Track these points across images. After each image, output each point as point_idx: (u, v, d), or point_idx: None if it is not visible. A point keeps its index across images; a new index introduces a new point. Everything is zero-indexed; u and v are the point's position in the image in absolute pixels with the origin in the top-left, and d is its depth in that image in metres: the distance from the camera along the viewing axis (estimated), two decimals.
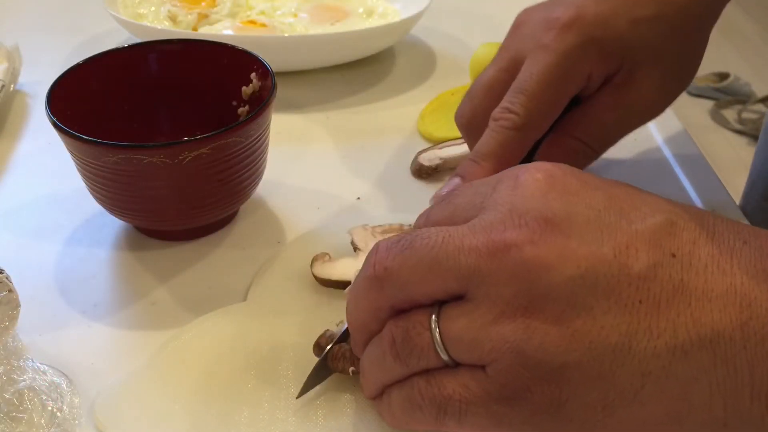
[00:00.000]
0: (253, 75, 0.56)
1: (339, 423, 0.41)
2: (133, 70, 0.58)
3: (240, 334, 0.47)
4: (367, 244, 0.50)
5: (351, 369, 0.42)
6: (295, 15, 0.81)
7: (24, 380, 0.42)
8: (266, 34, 0.76)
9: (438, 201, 0.42)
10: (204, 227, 0.55)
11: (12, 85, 0.73)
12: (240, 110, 0.58)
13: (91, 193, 0.53)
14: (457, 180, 0.47)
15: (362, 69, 0.77)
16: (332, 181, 0.62)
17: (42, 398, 0.42)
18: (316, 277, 0.49)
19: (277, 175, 0.60)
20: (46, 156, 0.65)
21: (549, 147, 0.49)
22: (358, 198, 0.60)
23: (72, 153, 0.50)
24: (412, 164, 0.62)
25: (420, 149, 0.63)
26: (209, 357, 0.45)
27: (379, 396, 0.39)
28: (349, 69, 0.77)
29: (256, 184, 0.55)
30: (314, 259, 0.50)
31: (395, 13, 0.81)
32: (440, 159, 0.61)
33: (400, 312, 0.37)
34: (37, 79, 0.75)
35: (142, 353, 0.46)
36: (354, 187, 0.61)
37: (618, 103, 0.49)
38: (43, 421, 0.41)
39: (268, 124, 0.53)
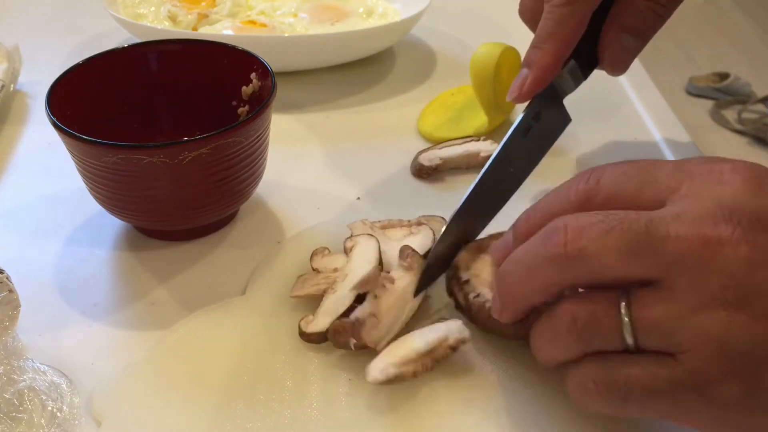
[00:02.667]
0: (253, 75, 0.56)
1: (333, 416, 0.42)
2: (133, 70, 0.58)
3: (237, 327, 0.47)
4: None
5: (352, 341, 0.43)
6: (295, 15, 0.81)
7: (24, 380, 0.42)
8: (266, 34, 0.76)
9: None
10: (204, 227, 0.55)
11: (12, 85, 0.73)
12: (240, 110, 0.58)
13: (91, 193, 0.53)
14: (524, 70, 0.48)
15: (362, 69, 0.77)
16: (332, 181, 0.62)
17: (42, 398, 0.42)
18: (315, 271, 0.49)
19: (277, 175, 0.60)
20: (46, 156, 0.65)
21: (617, 13, 0.49)
22: (358, 198, 0.60)
23: (72, 153, 0.50)
24: (412, 164, 0.62)
25: (420, 149, 0.63)
26: (206, 350, 0.46)
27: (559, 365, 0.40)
28: (349, 69, 0.77)
29: (256, 184, 0.55)
30: (314, 253, 0.51)
31: (395, 13, 0.81)
32: (440, 159, 0.61)
33: (575, 289, 0.37)
34: (37, 79, 0.75)
35: (142, 353, 0.46)
36: (354, 187, 0.61)
37: None
38: (43, 421, 0.41)
39: (268, 124, 0.53)
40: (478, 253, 0.47)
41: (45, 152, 0.65)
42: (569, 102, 0.52)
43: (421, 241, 0.50)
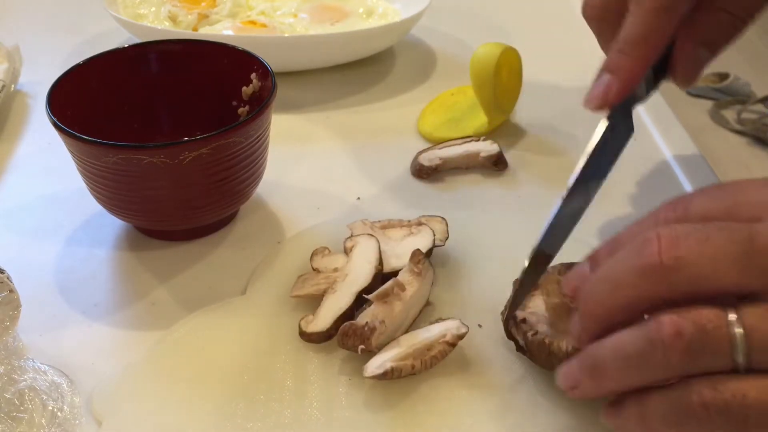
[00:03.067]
0: (253, 75, 0.56)
1: (333, 416, 0.42)
2: (133, 70, 0.58)
3: (237, 327, 0.47)
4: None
5: (360, 347, 0.43)
6: (295, 15, 0.81)
7: (24, 380, 0.42)
8: (266, 34, 0.76)
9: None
10: (204, 227, 0.55)
11: (12, 86, 0.73)
12: (240, 110, 0.58)
13: (91, 193, 0.53)
14: (607, 76, 0.43)
15: (362, 69, 0.77)
16: (332, 181, 0.62)
17: (42, 398, 0.42)
18: (315, 270, 0.50)
19: (277, 175, 0.60)
20: (47, 156, 0.65)
21: (694, 24, 0.46)
22: (358, 198, 0.60)
23: (72, 153, 0.51)
24: (412, 164, 0.63)
25: (420, 149, 0.63)
26: (206, 350, 0.46)
27: (618, 404, 0.36)
28: (349, 69, 0.77)
29: (256, 184, 0.55)
30: (314, 253, 0.51)
31: (395, 14, 0.81)
32: (440, 159, 0.61)
33: (668, 306, 0.34)
34: (38, 80, 0.75)
35: (142, 353, 0.46)
36: (354, 187, 0.61)
37: None
38: (43, 420, 0.41)
39: (268, 124, 0.53)
40: (532, 291, 0.45)
41: (45, 152, 0.65)
42: (566, 99, 0.52)
43: (422, 241, 0.50)
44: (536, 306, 0.45)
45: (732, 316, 0.32)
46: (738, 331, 0.32)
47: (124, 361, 0.46)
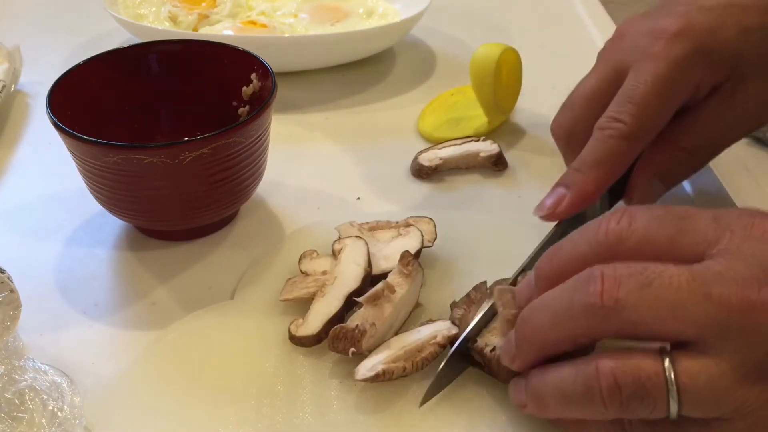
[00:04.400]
0: (253, 75, 0.56)
1: (325, 419, 0.42)
2: (133, 70, 0.58)
3: (227, 331, 0.47)
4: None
5: (351, 350, 0.43)
6: (296, 15, 0.81)
7: (25, 380, 0.42)
8: (266, 34, 0.76)
9: (551, 212, 0.42)
10: (204, 227, 0.55)
11: (13, 86, 0.73)
12: (240, 110, 0.58)
13: (91, 193, 0.53)
14: (561, 190, 0.46)
15: (362, 69, 0.77)
16: (332, 181, 0.62)
17: (43, 398, 0.42)
18: (303, 273, 0.49)
19: (277, 175, 0.60)
20: (47, 156, 0.65)
21: (653, 157, 0.48)
22: (358, 198, 0.60)
23: (72, 153, 0.51)
24: (412, 164, 0.63)
25: (420, 149, 0.63)
26: (196, 355, 0.46)
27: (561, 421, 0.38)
28: (349, 69, 0.77)
29: (256, 184, 0.55)
30: (302, 256, 0.50)
31: (395, 14, 0.81)
32: (440, 159, 0.61)
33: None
34: (38, 80, 0.75)
35: (133, 358, 0.46)
36: (354, 187, 0.61)
37: (725, 112, 0.48)
38: (44, 420, 0.41)
39: (269, 125, 0.53)
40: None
41: (45, 152, 0.65)
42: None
43: (410, 242, 0.50)
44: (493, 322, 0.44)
45: (668, 367, 0.33)
46: (672, 382, 0.33)
47: (125, 361, 0.46)
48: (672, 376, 0.33)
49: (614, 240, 0.36)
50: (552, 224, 0.48)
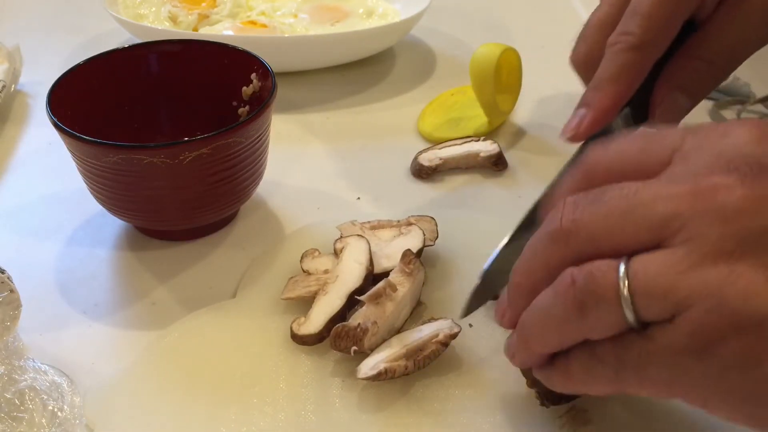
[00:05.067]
0: (253, 75, 0.56)
1: (327, 418, 0.42)
2: (133, 70, 0.58)
3: (229, 330, 0.47)
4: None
5: (353, 349, 0.43)
6: (296, 15, 0.81)
7: (25, 380, 0.42)
8: (266, 34, 0.76)
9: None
10: (204, 227, 0.55)
11: (13, 86, 0.73)
12: (240, 110, 0.58)
13: (91, 193, 0.53)
14: (582, 110, 0.47)
15: (362, 69, 0.77)
16: (332, 181, 0.62)
17: (43, 398, 0.42)
18: (305, 272, 0.49)
19: (277, 175, 0.60)
20: (47, 156, 0.65)
21: (672, 70, 0.48)
22: (358, 198, 0.60)
23: (72, 153, 0.51)
24: (412, 164, 0.63)
25: (420, 149, 0.63)
26: (197, 354, 0.46)
27: (546, 365, 0.37)
28: (349, 69, 0.77)
29: (256, 184, 0.55)
30: (304, 255, 0.51)
31: (395, 14, 0.81)
32: (440, 159, 0.61)
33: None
34: (38, 80, 0.75)
35: (134, 358, 0.46)
36: (354, 187, 0.61)
37: (736, 16, 0.48)
38: (44, 420, 0.41)
39: (269, 125, 0.53)
40: None
41: (45, 152, 0.65)
42: (566, 99, 0.52)
43: (411, 241, 0.50)
44: None
45: (622, 267, 0.33)
46: (624, 280, 0.32)
47: (125, 361, 0.46)
48: (623, 267, 0.33)
49: (590, 166, 0.37)
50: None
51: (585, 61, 0.51)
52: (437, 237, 0.52)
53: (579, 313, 0.34)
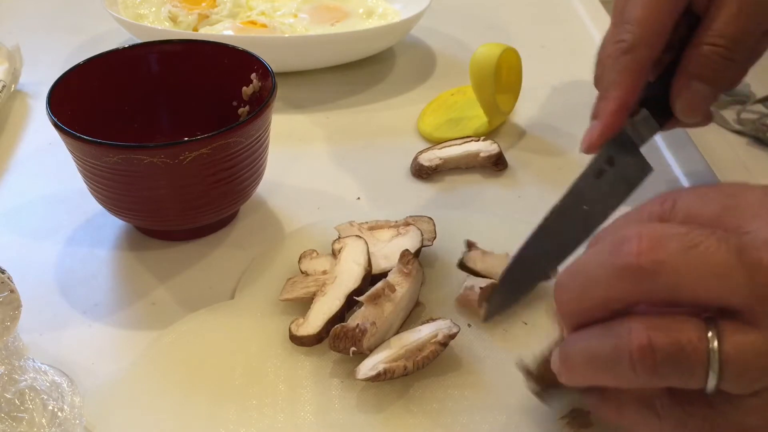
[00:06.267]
0: (253, 75, 0.56)
1: (326, 419, 0.42)
2: (133, 70, 0.58)
3: (227, 331, 0.47)
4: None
5: (352, 349, 0.43)
6: (296, 15, 0.81)
7: (25, 380, 0.42)
8: (267, 34, 0.76)
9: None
10: (204, 227, 0.55)
11: (13, 86, 0.73)
12: (240, 110, 0.58)
13: (91, 193, 0.53)
14: (593, 122, 0.47)
15: (362, 69, 0.77)
16: (332, 181, 0.62)
17: (43, 398, 0.42)
18: (303, 273, 0.49)
19: (277, 175, 0.60)
20: (47, 156, 0.65)
21: (685, 62, 0.48)
22: (358, 198, 0.60)
23: (72, 153, 0.51)
24: (412, 164, 0.63)
25: (420, 149, 0.63)
26: (196, 355, 0.46)
27: (596, 391, 0.36)
28: (349, 69, 0.77)
29: (257, 184, 0.55)
30: (302, 256, 0.51)
31: (395, 14, 0.81)
32: (440, 159, 0.61)
33: (635, 311, 0.33)
34: (38, 80, 0.75)
35: (133, 359, 0.46)
36: (354, 187, 0.61)
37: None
38: (44, 420, 0.41)
39: (269, 124, 0.53)
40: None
41: (46, 152, 0.65)
42: (566, 99, 0.52)
43: (410, 241, 0.50)
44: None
45: (710, 334, 0.31)
46: (714, 351, 0.31)
47: (125, 361, 0.46)
48: (716, 344, 0.31)
49: (657, 220, 0.34)
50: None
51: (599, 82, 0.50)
52: (435, 237, 0.52)
53: (652, 378, 0.32)
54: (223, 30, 0.77)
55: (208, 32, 0.77)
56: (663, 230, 0.32)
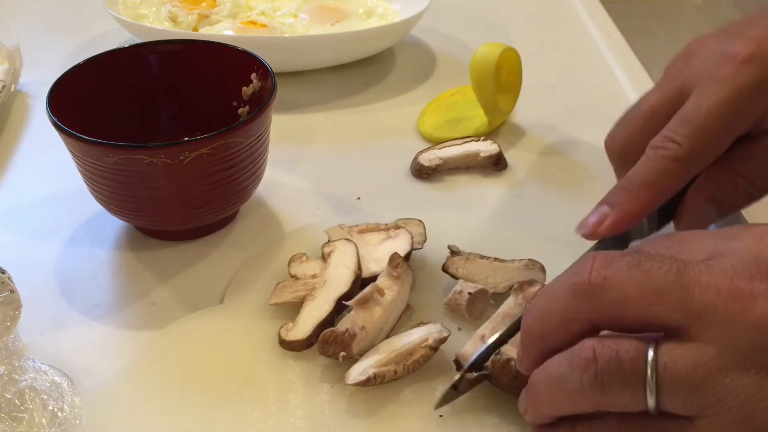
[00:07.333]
0: (253, 75, 0.56)
1: (316, 424, 0.42)
2: (133, 70, 0.58)
3: (218, 336, 0.47)
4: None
5: (341, 354, 0.43)
6: (296, 15, 0.81)
7: (25, 380, 0.42)
8: (266, 34, 0.76)
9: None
10: (204, 227, 0.55)
11: (13, 86, 0.73)
12: (240, 110, 0.58)
13: (91, 193, 0.53)
14: (605, 208, 0.43)
15: (362, 69, 0.77)
16: (332, 181, 0.62)
17: (43, 398, 0.42)
18: (293, 277, 0.49)
19: (277, 175, 0.60)
20: (47, 156, 0.65)
21: (709, 181, 0.46)
22: (358, 198, 0.60)
23: (72, 153, 0.51)
24: (412, 164, 0.63)
25: (420, 149, 0.63)
26: (189, 359, 0.45)
27: (550, 426, 0.37)
28: (349, 69, 0.77)
29: (257, 184, 0.55)
30: (291, 260, 0.50)
31: (395, 14, 0.81)
32: (440, 159, 0.61)
33: (596, 331, 0.35)
34: (38, 80, 0.75)
35: (123, 364, 0.46)
36: (354, 187, 0.61)
37: None
38: (44, 420, 0.41)
39: (269, 125, 0.53)
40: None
41: (45, 152, 0.65)
42: (566, 99, 0.52)
43: (399, 244, 0.50)
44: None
45: (650, 350, 0.32)
46: (650, 367, 0.32)
47: (125, 362, 0.46)
48: (651, 354, 0.32)
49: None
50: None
51: (622, 150, 0.48)
52: (425, 240, 0.51)
53: (596, 390, 0.34)
54: (223, 30, 0.77)
55: (208, 32, 0.77)
56: (615, 254, 0.34)
